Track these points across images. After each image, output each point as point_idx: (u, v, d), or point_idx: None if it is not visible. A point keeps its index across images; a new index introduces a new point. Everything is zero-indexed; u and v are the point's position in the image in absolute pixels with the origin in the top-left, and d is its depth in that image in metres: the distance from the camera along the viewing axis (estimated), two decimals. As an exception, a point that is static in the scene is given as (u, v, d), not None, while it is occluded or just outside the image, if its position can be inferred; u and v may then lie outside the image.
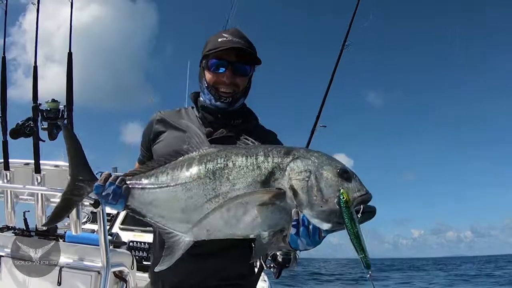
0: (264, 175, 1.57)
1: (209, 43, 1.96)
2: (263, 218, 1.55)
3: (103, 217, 3.04)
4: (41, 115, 2.94)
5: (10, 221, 3.17)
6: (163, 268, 1.62)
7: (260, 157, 1.60)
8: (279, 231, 1.58)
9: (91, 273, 3.18)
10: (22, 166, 3.14)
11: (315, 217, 1.50)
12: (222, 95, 1.93)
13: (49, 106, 2.96)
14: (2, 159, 3.06)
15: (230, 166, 1.60)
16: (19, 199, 3.18)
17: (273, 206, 1.54)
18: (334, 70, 3.43)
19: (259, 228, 1.58)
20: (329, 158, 1.61)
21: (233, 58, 1.90)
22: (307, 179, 1.53)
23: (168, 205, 1.67)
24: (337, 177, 1.54)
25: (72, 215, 2.98)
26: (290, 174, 1.55)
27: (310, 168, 1.56)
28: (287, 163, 1.58)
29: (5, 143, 3.01)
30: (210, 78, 1.94)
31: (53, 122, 2.95)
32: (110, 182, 1.70)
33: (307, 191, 1.51)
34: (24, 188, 3.03)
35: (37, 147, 2.96)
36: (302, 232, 1.50)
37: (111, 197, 1.69)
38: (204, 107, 2.01)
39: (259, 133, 2.02)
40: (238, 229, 1.59)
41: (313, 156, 1.60)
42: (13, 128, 2.89)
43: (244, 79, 1.96)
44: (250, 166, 1.59)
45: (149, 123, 2.09)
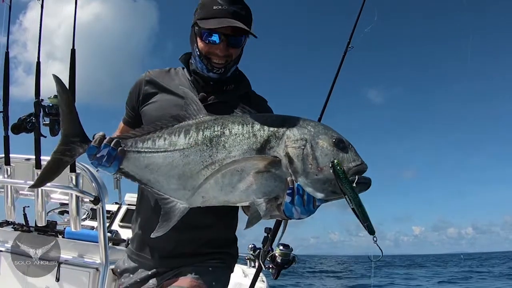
0: (260, 143, 1.57)
1: (202, 8, 1.86)
2: (258, 185, 1.55)
3: (103, 214, 3.04)
4: (43, 110, 2.94)
5: (9, 216, 3.17)
6: (159, 235, 1.62)
7: (256, 125, 1.61)
8: (273, 199, 1.58)
9: (90, 270, 3.19)
10: (23, 162, 3.14)
11: (309, 185, 1.51)
12: (214, 66, 1.88)
13: (51, 102, 2.96)
14: (3, 154, 3.06)
15: (226, 134, 1.60)
16: (19, 195, 3.18)
17: (268, 173, 1.54)
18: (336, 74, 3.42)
19: (253, 195, 1.58)
20: (325, 128, 1.62)
21: (228, 31, 1.83)
22: (302, 148, 1.54)
23: (165, 170, 1.65)
24: (332, 146, 1.54)
25: (71, 212, 2.97)
26: (286, 142, 1.56)
27: (306, 136, 1.56)
28: (283, 131, 1.58)
29: (6, 138, 3.01)
30: (202, 47, 1.87)
31: (55, 118, 2.95)
32: (105, 144, 1.64)
33: (302, 159, 1.52)
34: (25, 184, 3.03)
35: (38, 143, 2.96)
36: (297, 201, 1.51)
37: (105, 159, 1.64)
38: (196, 72, 1.97)
39: (252, 99, 2.04)
40: (233, 196, 1.59)
41: (309, 125, 1.61)
42: (14, 123, 2.89)
43: (237, 50, 1.91)
44: (246, 134, 1.59)
45: (137, 82, 2.03)
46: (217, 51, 1.85)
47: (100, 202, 2.98)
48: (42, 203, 3.05)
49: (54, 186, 2.95)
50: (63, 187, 2.93)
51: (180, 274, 1.89)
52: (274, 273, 2.83)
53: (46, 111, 2.94)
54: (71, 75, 2.87)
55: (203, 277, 1.85)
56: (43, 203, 3.05)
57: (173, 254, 1.92)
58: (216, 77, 1.93)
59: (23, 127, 2.88)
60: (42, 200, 3.04)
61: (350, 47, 3.48)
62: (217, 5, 1.82)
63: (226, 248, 2.01)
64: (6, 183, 3.06)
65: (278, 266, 2.76)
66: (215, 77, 1.93)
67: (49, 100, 2.97)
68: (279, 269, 2.78)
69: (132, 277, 1.98)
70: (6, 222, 3.77)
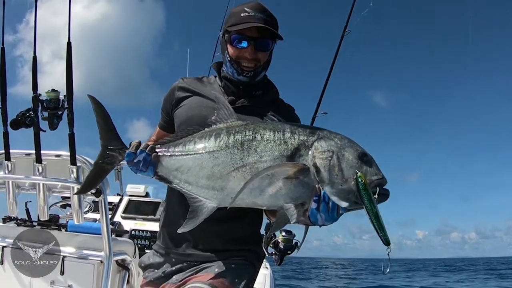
0: (290, 151, 1.65)
1: (232, 17, 1.99)
2: (287, 190, 1.63)
3: (105, 206, 3.05)
4: (41, 105, 2.93)
5: (12, 211, 3.18)
6: (186, 230, 1.71)
7: (287, 133, 1.68)
8: (300, 205, 1.66)
9: (94, 262, 3.20)
10: (23, 157, 3.14)
11: (334, 194, 1.59)
12: (244, 69, 1.99)
13: (49, 96, 2.95)
14: (3, 149, 3.06)
15: (258, 139, 1.68)
16: (20, 190, 3.18)
17: (296, 180, 1.62)
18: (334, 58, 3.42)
19: (282, 200, 1.65)
20: (350, 141, 1.70)
21: (255, 34, 1.94)
22: (329, 159, 1.62)
23: (195, 171, 1.73)
24: (357, 159, 1.63)
25: (74, 205, 2.98)
26: (314, 153, 1.63)
27: (333, 148, 1.65)
28: (312, 141, 1.66)
29: (6, 134, 3.01)
30: (232, 52, 1.98)
31: (53, 112, 2.95)
32: (141, 150, 1.77)
33: (328, 170, 1.60)
34: (25, 179, 3.04)
35: (38, 137, 2.95)
36: (322, 208, 1.58)
37: (142, 164, 1.76)
38: (227, 78, 2.06)
39: (281, 106, 2.15)
40: (261, 199, 1.66)
41: (336, 137, 1.69)
42: (13, 119, 2.88)
43: (265, 54, 2.01)
44: (277, 140, 1.67)
45: (171, 89, 2.14)
46: (246, 54, 1.96)
47: (101, 194, 2.98)
48: (44, 198, 3.06)
49: (55, 180, 2.96)
50: (64, 181, 2.93)
51: (202, 270, 1.94)
52: (277, 260, 2.84)
53: (44, 105, 2.93)
54: (68, 68, 2.86)
55: (226, 273, 1.89)
56: (45, 197, 3.06)
57: (199, 248, 1.99)
58: (246, 80, 2.02)
59: (22, 122, 2.87)
60: (44, 195, 3.05)
61: (347, 31, 3.48)
62: (245, 12, 1.95)
63: (250, 246, 2.07)
64: (7, 178, 3.06)
65: (281, 252, 2.77)
66: (245, 80, 2.02)
67: (46, 94, 2.96)
68: (282, 256, 2.79)
69: (157, 271, 2.06)
70: (9, 217, 3.78)
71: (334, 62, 3.41)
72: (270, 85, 2.18)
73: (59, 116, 2.96)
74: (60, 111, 2.94)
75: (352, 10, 3.44)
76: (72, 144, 2.89)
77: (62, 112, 2.95)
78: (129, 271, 3.54)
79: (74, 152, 2.90)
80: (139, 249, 3.96)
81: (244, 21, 1.93)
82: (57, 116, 2.96)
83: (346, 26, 3.45)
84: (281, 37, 2.00)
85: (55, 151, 3.14)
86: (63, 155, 3.07)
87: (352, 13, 3.46)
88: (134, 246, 3.74)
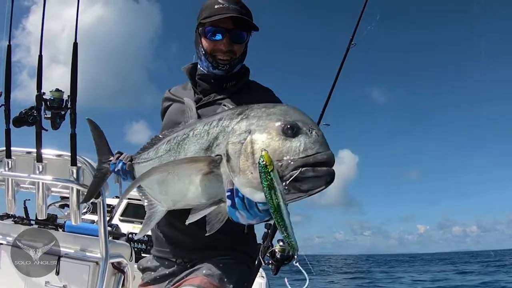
0: (209, 141, 1.46)
1: (205, 9, 1.93)
2: (203, 187, 1.47)
3: (103, 208, 3.04)
4: (44, 104, 2.94)
5: (10, 209, 3.18)
6: (140, 236, 1.78)
7: (214, 122, 1.48)
8: (218, 201, 1.46)
9: (90, 264, 3.20)
10: (24, 155, 3.14)
11: (246, 185, 1.27)
12: (219, 62, 1.93)
13: (53, 95, 2.95)
14: (4, 147, 3.06)
15: (190, 136, 1.57)
16: (20, 188, 3.19)
17: (211, 174, 1.42)
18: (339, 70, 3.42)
19: (201, 198, 1.50)
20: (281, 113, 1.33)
21: (230, 25, 1.89)
22: (243, 142, 1.30)
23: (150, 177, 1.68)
24: (276, 135, 1.26)
25: (72, 205, 2.98)
26: (230, 138, 1.35)
27: (252, 127, 1.32)
28: (233, 125, 1.39)
29: (7, 131, 3.01)
30: (207, 45, 1.93)
31: (57, 111, 2.95)
32: (119, 160, 1.93)
33: (239, 155, 1.29)
34: (25, 177, 3.04)
35: (40, 136, 2.95)
36: (238, 204, 1.32)
37: (122, 173, 1.92)
38: (201, 75, 2.02)
39: (252, 90, 2.03)
40: (189, 199, 1.56)
41: (266, 112, 1.36)
42: (16, 117, 2.89)
43: (241, 46, 1.95)
44: (202, 133, 1.51)
45: (161, 102, 2.21)
46: (221, 46, 1.90)
47: (100, 196, 2.98)
48: (42, 197, 3.05)
49: (55, 180, 2.96)
50: (64, 181, 2.93)
51: (192, 272, 1.94)
52: (273, 269, 2.82)
53: (48, 105, 2.94)
54: (73, 68, 2.87)
55: (214, 273, 1.87)
56: (43, 196, 3.06)
57: (191, 247, 1.98)
58: (222, 73, 1.97)
59: (24, 120, 2.87)
60: (43, 194, 3.04)
61: (352, 44, 3.48)
62: (219, 4, 1.88)
63: (240, 246, 2.03)
64: (7, 176, 3.06)
65: (277, 262, 2.75)
66: (220, 73, 1.97)
67: (50, 94, 2.96)
68: (278, 265, 2.77)
69: (153, 274, 2.08)
70: (7, 215, 3.78)
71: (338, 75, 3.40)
72: (244, 73, 2.06)
73: (62, 116, 2.96)
74: (63, 111, 2.95)
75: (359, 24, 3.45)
76: (73, 144, 2.89)
77: (65, 112, 2.95)
78: (125, 274, 3.53)
79: (75, 153, 2.90)
80: (136, 252, 3.96)
81: (218, 12, 1.86)
82: (60, 116, 2.96)
83: (352, 39, 3.45)
84: (257, 28, 1.93)
85: (56, 151, 3.15)
86: (64, 155, 3.07)
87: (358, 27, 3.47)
88: (130, 249, 3.73)
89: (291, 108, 1.37)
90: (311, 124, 1.30)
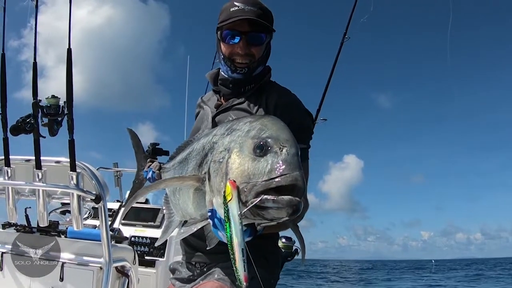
0: (201, 158, 1.45)
1: (222, 13, 1.91)
2: (196, 203, 1.51)
3: (105, 213, 3.04)
4: (41, 111, 2.93)
5: (11, 217, 3.17)
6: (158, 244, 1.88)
7: (210, 136, 1.48)
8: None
9: (93, 269, 3.19)
10: (23, 163, 3.13)
11: (220, 207, 1.22)
12: (238, 66, 1.91)
13: (49, 102, 2.95)
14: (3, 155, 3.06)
15: (194, 149, 1.60)
16: (20, 196, 3.18)
17: (201, 191, 1.42)
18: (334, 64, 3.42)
19: (197, 212, 1.53)
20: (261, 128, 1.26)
21: (246, 28, 1.86)
22: (221, 160, 1.27)
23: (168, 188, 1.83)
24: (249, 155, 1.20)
25: (73, 211, 2.98)
26: (214, 155, 1.34)
27: (231, 144, 1.29)
28: (219, 141, 1.38)
29: (5, 139, 3.01)
30: (225, 49, 1.92)
31: (53, 118, 2.95)
32: (149, 169, 2.09)
33: (216, 175, 1.27)
34: (25, 185, 3.03)
35: (38, 144, 2.95)
36: (218, 225, 1.28)
37: (152, 181, 2.05)
38: (221, 80, 2.02)
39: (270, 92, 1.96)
40: (190, 213, 1.63)
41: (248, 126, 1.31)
42: (13, 125, 2.88)
43: (259, 48, 1.92)
44: (200, 148, 1.51)
45: None
46: (238, 50, 1.88)
47: (101, 201, 2.97)
48: (43, 204, 3.05)
49: (55, 186, 2.95)
50: (64, 187, 2.93)
51: (206, 277, 1.97)
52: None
53: (44, 112, 2.93)
54: (68, 74, 2.86)
55: (226, 277, 1.88)
56: (44, 203, 3.05)
57: (207, 251, 1.94)
58: (241, 77, 1.94)
59: (21, 128, 2.87)
60: (44, 201, 3.04)
61: (346, 37, 3.49)
62: (235, 6, 1.87)
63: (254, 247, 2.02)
64: (7, 184, 3.06)
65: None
66: (239, 77, 1.94)
67: (46, 101, 2.96)
68: (282, 262, 2.79)
69: (179, 275, 2.18)
70: (8, 223, 3.76)
71: (333, 69, 3.41)
72: (264, 74, 2.00)
73: (59, 122, 2.96)
74: (60, 117, 2.94)
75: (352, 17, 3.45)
76: (72, 150, 2.89)
77: (62, 118, 2.95)
78: (129, 278, 3.53)
79: (74, 159, 2.89)
80: (139, 255, 3.95)
81: (234, 15, 1.85)
82: (57, 122, 2.96)
83: (345, 32, 3.46)
84: (273, 30, 1.91)
85: (55, 158, 3.14)
86: (63, 161, 3.07)
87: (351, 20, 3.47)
88: (133, 252, 3.73)
89: (271, 122, 1.30)
90: (284, 141, 1.20)
